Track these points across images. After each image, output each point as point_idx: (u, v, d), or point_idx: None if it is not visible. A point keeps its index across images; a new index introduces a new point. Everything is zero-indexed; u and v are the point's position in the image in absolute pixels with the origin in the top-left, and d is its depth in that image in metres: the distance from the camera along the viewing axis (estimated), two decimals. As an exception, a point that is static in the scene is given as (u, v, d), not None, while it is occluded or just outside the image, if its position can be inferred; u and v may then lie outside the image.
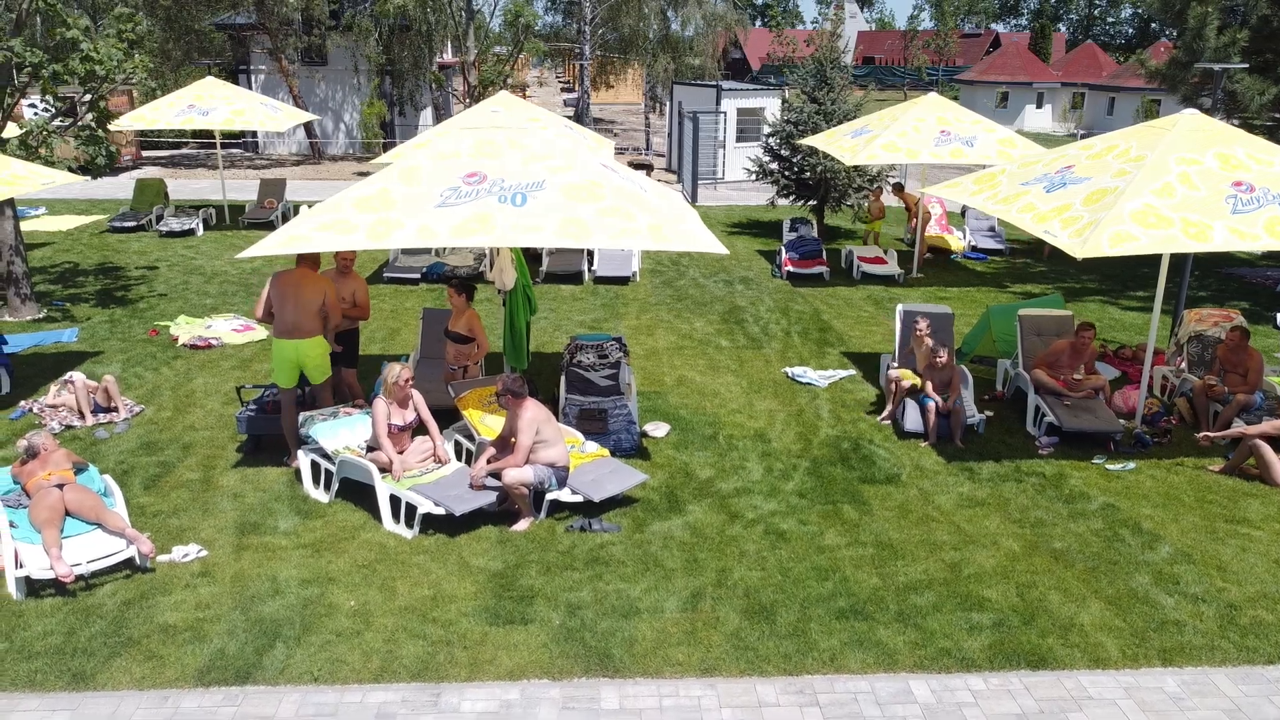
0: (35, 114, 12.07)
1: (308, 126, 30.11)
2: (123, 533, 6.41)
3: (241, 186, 22.38)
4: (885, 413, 9.30)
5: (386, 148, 31.66)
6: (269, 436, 8.65)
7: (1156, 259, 16.80)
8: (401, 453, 7.51)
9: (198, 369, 10.94)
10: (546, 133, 8.56)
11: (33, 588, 6.16)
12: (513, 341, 9.13)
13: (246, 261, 16.66)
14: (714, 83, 27.80)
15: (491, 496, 7.12)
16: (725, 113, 26.86)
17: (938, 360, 9.02)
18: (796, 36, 65.08)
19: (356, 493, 7.53)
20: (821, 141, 16.30)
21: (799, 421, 9.47)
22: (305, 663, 5.46)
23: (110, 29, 12.55)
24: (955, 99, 51.45)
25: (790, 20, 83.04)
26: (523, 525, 7.16)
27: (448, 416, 8.53)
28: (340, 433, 7.89)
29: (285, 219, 20.17)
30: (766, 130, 19.75)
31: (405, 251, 15.87)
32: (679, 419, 9.45)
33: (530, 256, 16.29)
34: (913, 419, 9.03)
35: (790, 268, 15.82)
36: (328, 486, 7.72)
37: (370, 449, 7.69)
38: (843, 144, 15.40)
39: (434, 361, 10.14)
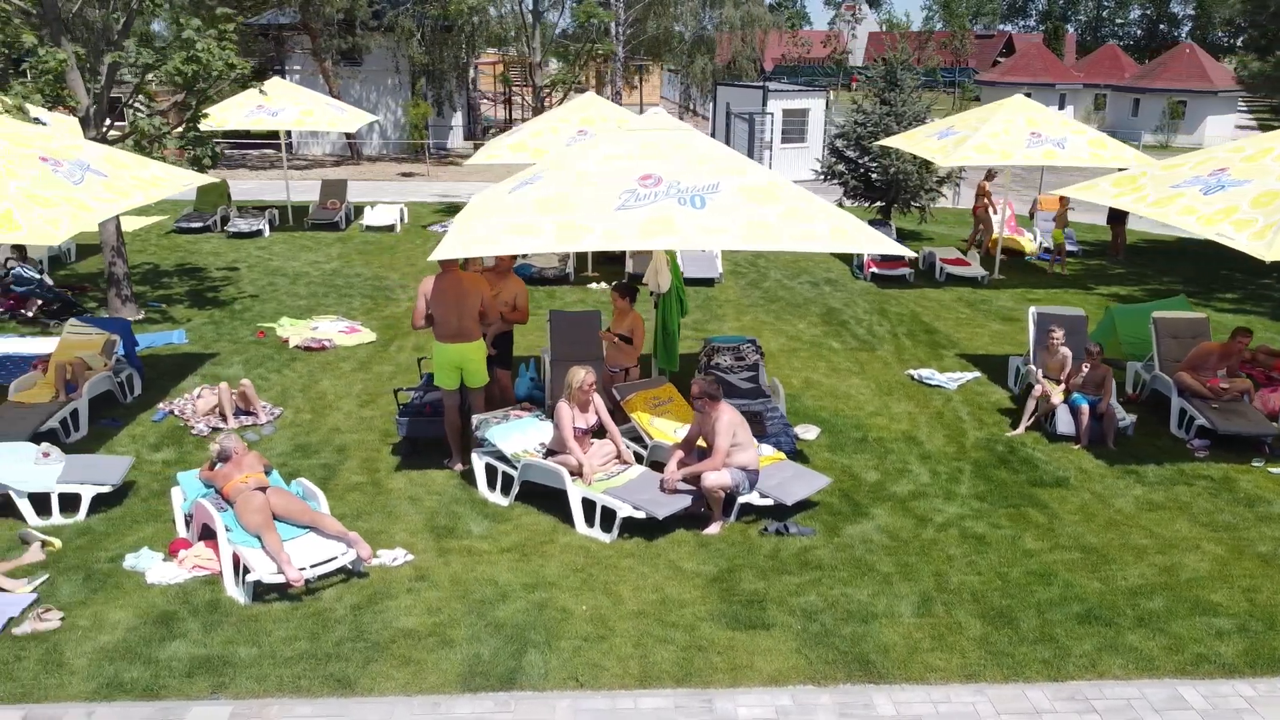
0: (141, 115, 12.00)
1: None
2: (344, 536, 6.38)
3: (278, 188, 22.29)
4: (1025, 423, 9.25)
5: (413, 148, 31.62)
6: (426, 439, 8.60)
7: (1243, 259, 16.81)
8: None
9: (319, 371, 10.91)
10: (701, 135, 8.55)
11: (255, 592, 6.11)
12: (664, 343, 9.13)
13: (325, 263, 16.64)
14: (760, 83, 27.79)
15: (688, 500, 7.10)
16: (772, 114, 26.87)
17: (1082, 368, 9.07)
18: (812, 38, 65.07)
19: (535, 496, 7.50)
20: (903, 142, 16.31)
21: (941, 424, 9.47)
22: (564, 668, 5.45)
23: (209, 29, 12.51)
24: (977, 100, 51.56)
25: (796, 21, 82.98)
26: (715, 529, 7.15)
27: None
28: (515, 436, 7.87)
29: (349, 220, 20.16)
30: (834, 131, 19.74)
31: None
32: (821, 421, 9.45)
33: (609, 258, 16.29)
34: (1064, 421, 9.03)
35: (874, 269, 15.81)
36: (505, 490, 7.69)
37: (549, 452, 7.66)
38: (929, 145, 15.41)
39: (564, 365, 10.07)
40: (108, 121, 12.25)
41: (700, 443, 7.54)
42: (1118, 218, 17.63)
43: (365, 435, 9.10)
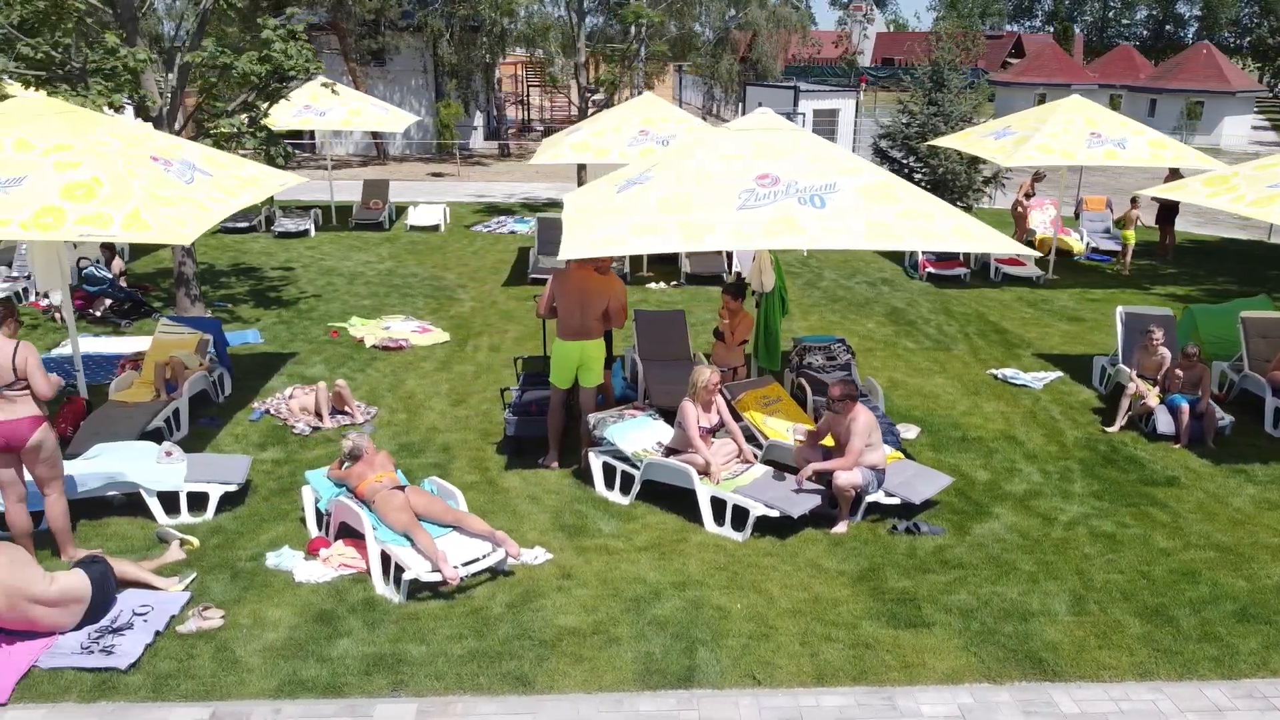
0: (222, 115, 12.01)
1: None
2: (491, 535, 6.40)
3: (312, 188, 22.29)
4: (1120, 422, 9.28)
5: (442, 149, 31.62)
6: (531, 438, 8.62)
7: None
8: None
9: (402, 371, 10.92)
10: (811, 135, 8.57)
11: (409, 591, 6.13)
12: (766, 343, 9.15)
13: (378, 263, 16.65)
14: (791, 84, 27.81)
15: (818, 499, 7.12)
16: (804, 114, 26.86)
17: (1177, 369, 9.10)
18: (822, 38, 65.02)
19: (655, 495, 7.52)
20: (958, 142, 16.34)
21: (1036, 423, 9.50)
22: (736, 666, 5.47)
23: (279, 29, 12.51)
24: (991, 100, 51.59)
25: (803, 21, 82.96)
26: (842, 527, 7.17)
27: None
28: (633, 434, 7.89)
29: (392, 220, 20.15)
30: (879, 131, 19.78)
31: (546, 253, 15.84)
32: (916, 420, 9.47)
33: (663, 258, 16.31)
34: (1164, 421, 9.06)
35: (930, 269, 15.84)
36: (624, 489, 7.71)
37: (671, 450, 7.68)
38: (988, 145, 15.45)
39: (653, 364, 10.10)
40: (179, 122, 12.26)
41: (825, 441, 7.57)
42: (1167, 218, 17.67)
43: (465, 434, 9.11)
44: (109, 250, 13.51)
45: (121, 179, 7.59)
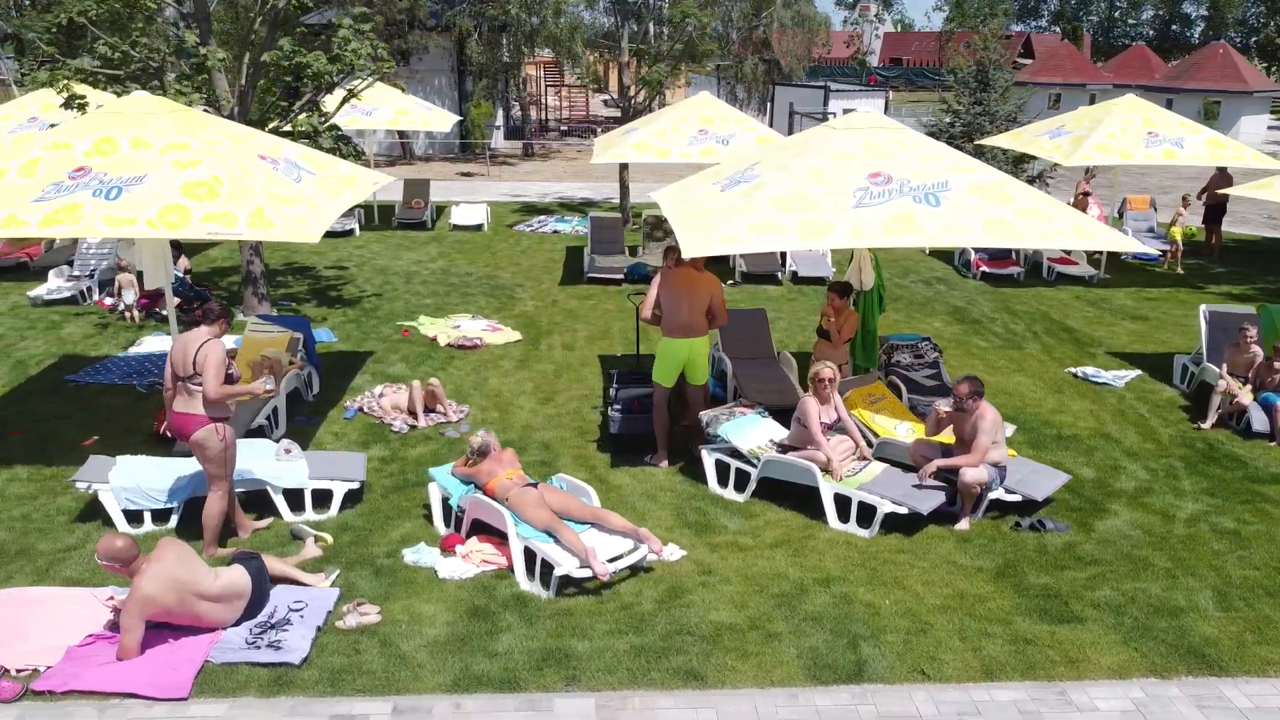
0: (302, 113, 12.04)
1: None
2: (633, 532, 6.43)
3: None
4: (1211, 420, 9.32)
5: (465, 148, 31.63)
6: (634, 436, 8.65)
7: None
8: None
9: (482, 369, 10.95)
10: (917, 133, 8.61)
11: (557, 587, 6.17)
12: (864, 342, 9.19)
13: (429, 262, 16.68)
14: (821, 84, 27.85)
15: (943, 496, 7.16)
16: (834, 114, 26.88)
17: (1274, 365, 9.15)
18: (834, 38, 65.06)
19: (769, 492, 7.58)
20: (1011, 141, 16.39)
21: (1126, 421, 9.54)
22: (901, 661, 5.51)
23: (351, 29, 12.54)
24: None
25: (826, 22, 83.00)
26: (964, 524, 7.21)
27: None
28: (747, 432, 7.92)
29: (434, 220, 20.16)
30: (922, 131, 19.81)
31: (601, 253, 15.88)
32: (1006, 418, 9.45)
33: (713, 259, 16.30)
34: (1259, 419, 9.11)
35: (985, 268, 15.88)
36: (739, 486, 7.74)
37: (786, 448, 7.72)
38: (1043, 145, 15.50)
39: (739, 362, 10.12)
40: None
41: (939, 438, 7.60)
42: (1214, 217, 17.73)
43: (561, 432, 9.14)
44: (175, 248, 13.53)
45: (240, 177, 7.62)
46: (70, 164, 7.60)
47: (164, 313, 12.90)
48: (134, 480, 7.07)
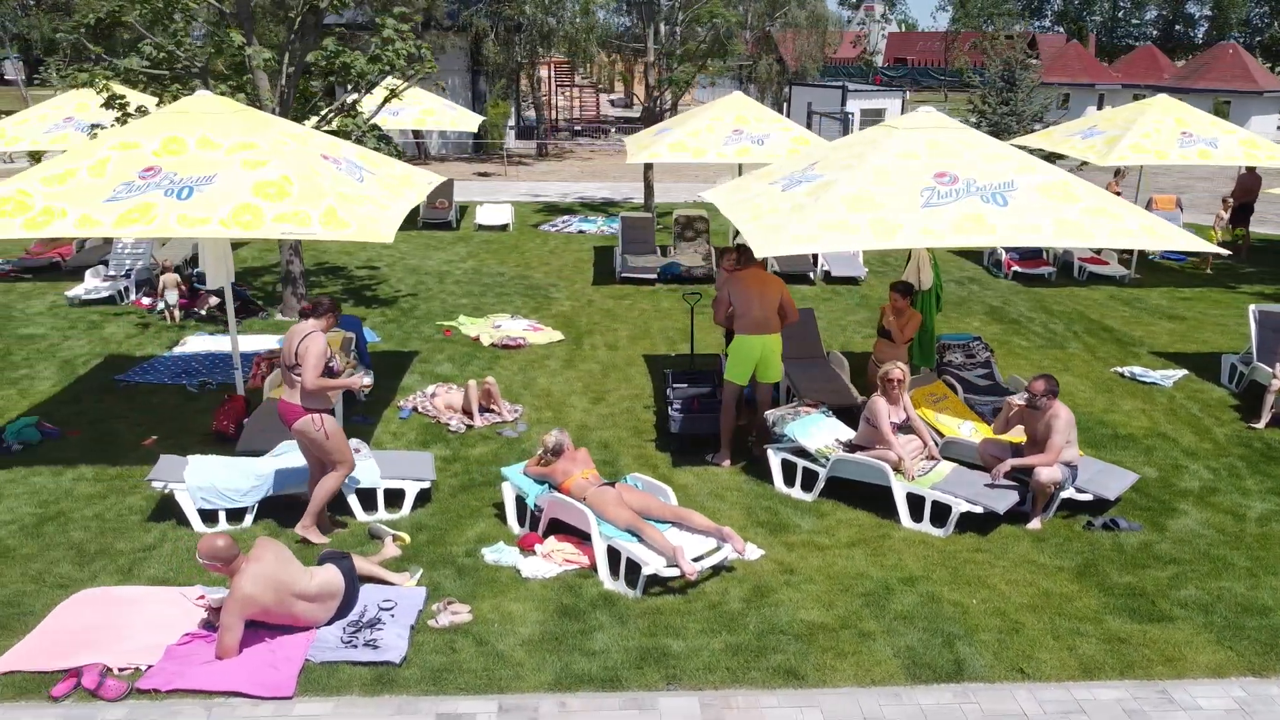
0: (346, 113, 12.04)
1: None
2: (717, 531, 6.44)
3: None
4: (1265, 419, 9.33)
5: (479, 148, 31.63)
6: (694, 435, 8.66)
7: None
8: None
9: (529, 369, 10.96)
10: (979, 133, 8.62)
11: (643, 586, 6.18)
12: (921, 341, 9.20)
13: (459, 262, 16.69)
14: (839, 83, 27.88)
15: (1016, 495, 7.17)
16: (852, 114, 26.95)
17: None
18: (839, 37, 65.12)
19: (836, 491, 7.59)
20: (1043, 141, 16.40)
21: (1179, 420, 9.55)
22: (999, 660, 5.52)
23: (391, 29, 12.54)
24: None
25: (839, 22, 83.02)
26: (1036, 524, 7.22)
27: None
28: (814, 431, 7.93)
29: (459, 220, 20.15)
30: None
31: (632, 253, 15.88)
32: (1060, 418, 9.49)
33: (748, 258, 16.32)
34: (1317, 418, 9.11)
35: (1016, 268, 15.90)
36: (804, 485, 7.75)
37: (854, 447, 7.73)
38: (1076, 145, 15.51)
39: (793, 362, 10.12)
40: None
41: (1007, 437, 7.62)
42: (1242, 218, 17.76)
43: (617, 432, 9.15)
44: None
45: (309, 177, 7.63)
46: (140, 163, 7.60)
47: (203, 312, 12.93)
48: (209, 480, 7.07)
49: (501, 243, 18.39)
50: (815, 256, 16.17)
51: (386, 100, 12.62)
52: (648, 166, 20.45)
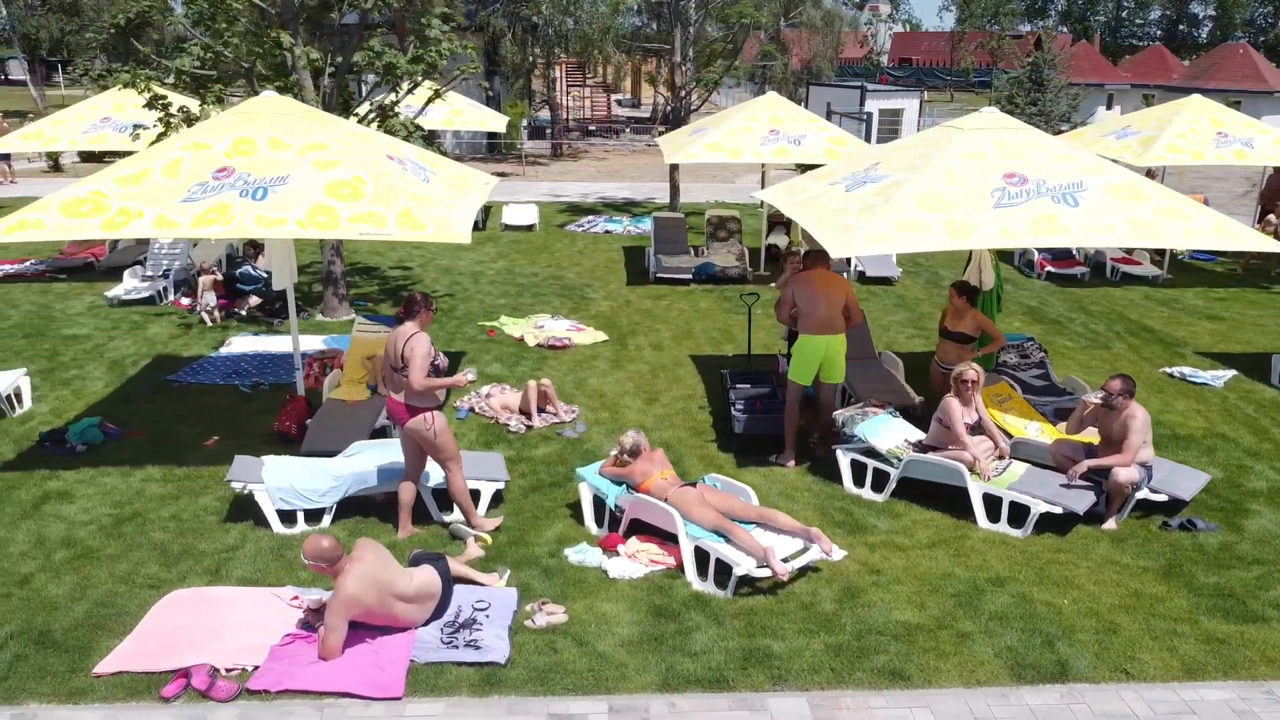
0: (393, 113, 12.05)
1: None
2: (807, 533, 6.44)
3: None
4: None
5: (493, 148, 31.62)
6: (756, 436, 8.66)
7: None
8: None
9: (579, 370, 10.96)
10: (1044, 134, 8.63)
11: (726, 586, 6.18)
12: (981, 341, 9.19)
13: (490, 262, 16.71)
14: (858, 83, 27.89)
15: (1093, 495, 7.18)
16: (871, 114, 26.92)
17: None
18: (845, 38, 65.03)
19: (907, 492, 7.59)
20: (1076, 141, 16.38)
21: (1235, 420, 9.57)
22: (1101, 660, 5.53)
23: (436, 29, 12.55)
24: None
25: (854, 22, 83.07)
26: (1112, 524, 7.23)
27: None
28: (883, 431, 7.94)
29: (484, 220, 20.13)
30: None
31: (666, 253, 15.88)
32: (1117, 419, 9.50)
33: (775, 258, 16.37)
34: (1374, 418, 9.12)
35: (1050, 268, 15.91)
36: (874, 486, 7.75)
37: (925, 448, 7.73)
38: (1109, 145, 15.52)
39: (855, 363, 10.11)
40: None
41: (1079, 438, 7.63)
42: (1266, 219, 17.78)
43: (677, 432, 9.15)
44: (254, 248, 13.55)
45: (381, 178, 7.63)
46: (213, 164, 7.60)
47: (243, 313, 12.93)
48: (287, 480, 7.07)
49: (530, 243, 18.38)
50: (849, 260, 16.18)
51: (430, 101, 12.61)
52: (674, 167, 20.46)
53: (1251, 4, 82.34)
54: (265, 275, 12.97)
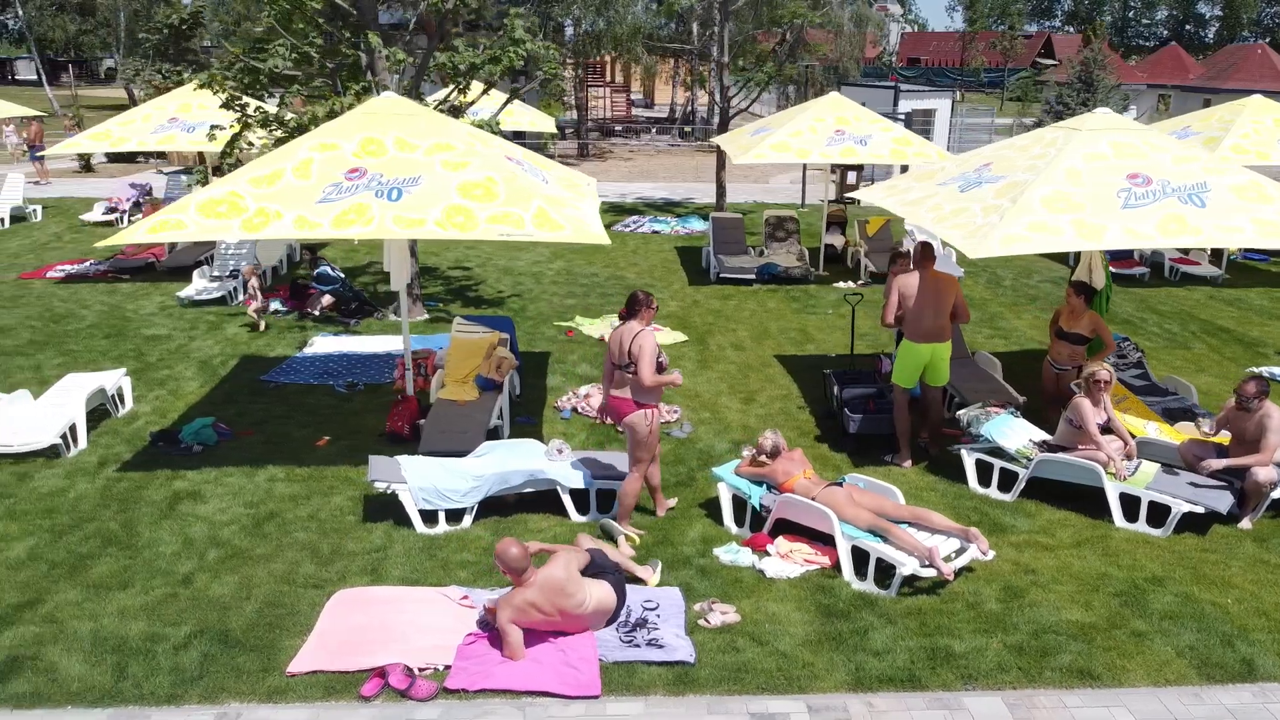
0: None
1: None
2: (965, 532, 6.45)
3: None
4: None
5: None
6: (869, 436, 8.68)
7: None
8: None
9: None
10: (1161, 134, 8.64)
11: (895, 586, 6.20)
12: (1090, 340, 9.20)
13: (547, 262, 16.71)
14: (891, 84, 27.91)
15: (1230, 495, 7.19)
16: (904, 115, 26.94)
17: None
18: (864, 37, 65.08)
19: (1030, 491, 7.58)
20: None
21: (1335, 420, 9.55)
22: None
23: (521, 30, 12.56)
24: (1039, 101, 51.73)
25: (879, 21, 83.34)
26: (1247, 523, 7.26)
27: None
28: (1008, 432, 7.95)
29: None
30: (1022, 132, 19.86)
31: (726, 254, 15.90)
32: (1216, 418, 9.52)
33: (832, 258, 16.41)
34: None
35: (1111, 268, 15.90)
36: (1002, 486, 7.77)
37: (1053, 448, 7.75)
38: (1171, 146, 15.52)
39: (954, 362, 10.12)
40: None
41: (1212, 438, 7.65)
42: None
43: (784, 433, 9.13)
44: (311, 251, 13.60)
45: (512, 179, 7.63)
46: (343, 165, 7.60)
47: (315, 313, 12.92)
48: (430, 481, 7.08)
49: (575, 243, 18.32)
50: (908, 255, 16.18)
51: (508, 101, 12.63)
52: (720, 167, 20.48)
53: (1259, 3, 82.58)
54: (341, 276, 12.98)
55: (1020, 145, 8.99)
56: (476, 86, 12.48)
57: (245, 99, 12.25)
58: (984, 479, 7.94)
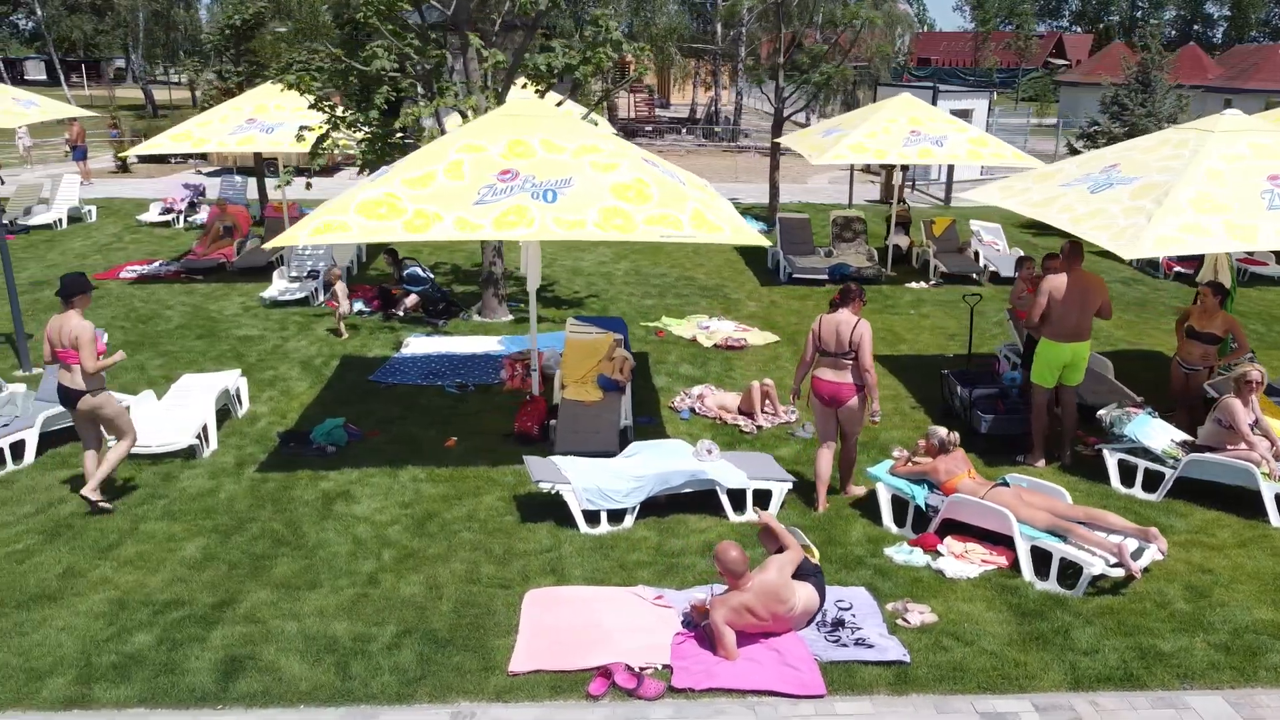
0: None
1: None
2: (1144, 533, 6.47)
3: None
4: None
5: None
6: (1001, 436, 8.70)
7: None
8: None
9: (768, 369, 10.99)
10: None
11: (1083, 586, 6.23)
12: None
13: (610, 262, 16.73)
14: (930, 84, 27.95)
15: (1389, 495, 7.22)
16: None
17: None
18: (880, 37, 65.16)
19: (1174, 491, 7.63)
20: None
21: None
22: None
23: (617, 32, 12.59)
24: (1055, 101, 51.84)
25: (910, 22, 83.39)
26: (1401, 521, 7.27)
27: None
28: (1150, 432, 7.99)
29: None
30: (1076, 131, 19.92)
31: (795, 254, 15.93)
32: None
33: (900, 258, 16.44)
34: None
35: (1177, 268, 15.99)
36: (1145, 486, 7.79)
37: (1200, 448, 7.78)
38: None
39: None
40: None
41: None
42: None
43: (903, 432, 9.20)
44: (390, 253, 13.65)
45: (662, 181, 7.65)
46: (494, 166, 7.62)
47: (400, 313, 12.93)
48: (593, 481, 7.10)
49: (637, 242, 18.34)
50: (977, 256, 16.27)
51: (599, 102, 12.63)
52: (774, 167, 20.48)
53: (1267, 3, 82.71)
54: (431, 277, 12.99)
55: (1145, 147, 9.01)
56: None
57: (334, 100, 12.26)
58: (1127, 479, 7.95)
